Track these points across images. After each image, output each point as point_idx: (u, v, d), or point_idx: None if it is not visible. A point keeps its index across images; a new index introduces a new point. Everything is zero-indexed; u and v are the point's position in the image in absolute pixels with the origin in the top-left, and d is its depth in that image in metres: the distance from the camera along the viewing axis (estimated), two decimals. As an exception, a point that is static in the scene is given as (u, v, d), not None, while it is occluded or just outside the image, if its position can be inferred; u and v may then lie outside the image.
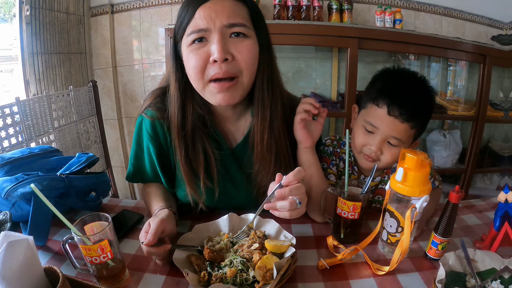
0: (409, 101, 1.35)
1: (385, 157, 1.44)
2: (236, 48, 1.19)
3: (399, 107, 1.35)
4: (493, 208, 1.56)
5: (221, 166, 1.41)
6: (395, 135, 1.39)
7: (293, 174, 1.13)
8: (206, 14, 1.16)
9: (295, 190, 1.13)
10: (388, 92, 1.39)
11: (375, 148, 1.42)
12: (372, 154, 1.45)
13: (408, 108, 1.35)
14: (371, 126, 1.43)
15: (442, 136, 3.83)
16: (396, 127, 1.38)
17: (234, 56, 1.19)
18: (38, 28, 2.99)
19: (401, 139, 1.39)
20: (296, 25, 3.15)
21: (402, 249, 1.12)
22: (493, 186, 4.16)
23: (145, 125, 1.42)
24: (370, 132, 1.45)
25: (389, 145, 1.43)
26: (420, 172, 1.12)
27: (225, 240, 1.22)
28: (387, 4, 3.64)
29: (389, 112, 1.37)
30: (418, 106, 1.37)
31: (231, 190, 1.49)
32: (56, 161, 1.58)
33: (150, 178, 1.52)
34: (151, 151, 1.43)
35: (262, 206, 1.19)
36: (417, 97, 1.39)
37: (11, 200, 1.31)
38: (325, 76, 3.80)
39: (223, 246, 1.19)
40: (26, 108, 2.46)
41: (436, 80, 3.98)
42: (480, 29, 3.88)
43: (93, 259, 1.01)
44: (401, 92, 1.38)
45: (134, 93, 3.93)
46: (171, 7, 3.63)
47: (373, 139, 1.43)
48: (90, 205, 1.53)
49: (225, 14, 1.16)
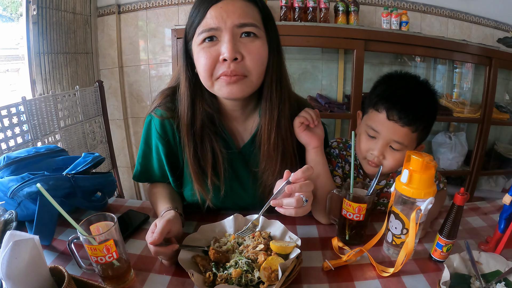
0: (408, 105, 1.36)
1: (388, 162, 1.45)
2: (246, 48, 1.20)
3: (398, 111, 1.36)
4: (498, 210, 1.56)
5: (228, 165, 1.42)
6: (396, 139, 1.39)
7: (301, 171, 1.13)
8: (217, 13, 1.17)
9: (304, 186, 1.13)
10: (387, 97, 1.40)
11: (377, 153, 1.43)
12: (375, 159, 1.46)
13: (408, 112, 1.35)
14: (372, 131, 1.44)
15: (447, 138, 3.82)
16: (397, 131, 1.38)
17: (243, 56, 1.20)
18: (44, 28, 3.00)
19: (403, 143, 1.40)
20: (302, 26, 3.14)
21: (407, 251, 1.12)
22: (498, 188, 4.15)
23: (154, 124, 1.42)
24: (372, 138, 1.46)
25: (391, 149, 1.43)
26: (425, 174, 1.12)
27: (232, 241, 1.23)
28: (393, 6, 3.64)
29: (388, 116, 1.38)
30: (419, 110, 1.37)
31: (237, 189, 1.49)
32: (62, 161, 1.59)
33: (157, 178, 1.53)
34: (160, 150, 1.44)
35: (269, 203, 1.18)
36: (417, 100, 1.38)
37: (17, 199, 1.31)
38: (331, 78, 3.79)
39: (230, 247, 1.20)
40: (32, 108, 2.47)
41: (442, 82, 3.97)
42: (486, 31, 3.87)
43: (99, 259, 1.01)
44: (400, 96, 1.39)
45: (140, 94, 3.93)
46: (178, 8, 3.63)
47: (375, 144, 1.45)
48: (96, 205, 1.54)
49: (236, 14, 1.17)
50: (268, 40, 1.27)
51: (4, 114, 2.25)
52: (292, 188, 1.13)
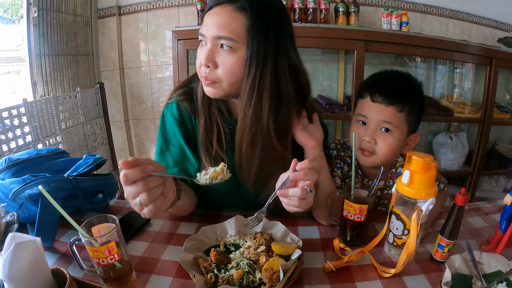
0: (389, 86, 1.48)
1: (380, 147, 1.49)
2: (221, 59, 1.26)
3: (379, 92, 1.47)
4: (499, 211, 1.55)
5: (230, 138, 1.45)
6: (384, 118, 1.46)
7: (307, 160, 1.14)
8: (206, 21, 1.27)
9: (309, 174, 1.13)
10: (369, 84, 1.54)
11: (368, 138, 1.49)
12: (367, 146, 1.51)
13: (389, 92, 1.45)
14: (361, 116, 1.53)
15: (448, 139, 3.83)
16: (383, 111, 1.46)
17: (217, 64, 1.27)
18: (45, 30, 3.01)
19: (392, 122, 1.46)
20: (302, 27, 3.16)
21: (408, 252, 1.12)
22: (499, 189, 4.15)
23: (170, 111, 1.47)
24: (363, 125, 1.53)
25: (382, 133, 1.49)
26: (426, 174, 1.12)
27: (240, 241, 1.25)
28: (393, 6, 3.64)
29: (372, 99, 1.49)
30: (398, 89, 1.46)
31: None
32: (63, 162, 1.59)
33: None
34: (178, 135, 1.46)
35: (275, 193, 1.19)
36: (396, 82, 1.50)
37: (18, 201, 1.31)
38: (331, 79, 3.80)
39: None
40: (33, 110, 2.47)
41: (442, 82, 3.98)
42: (486, 31, 3.87)
43: (100, 261, 1.01)
44: (381, 82, 1.53)
45: (141, 95, 3.94)
46: (178, 10, 3.64)
47: (366, 129, 1.51)
48: (97, 206, 1.54)
49: (216, 25, 1.23)
50: (250, 52, 1.25)
51: (5, 116, 2.26)
52: (297, 175, 1.14)
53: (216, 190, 1.52)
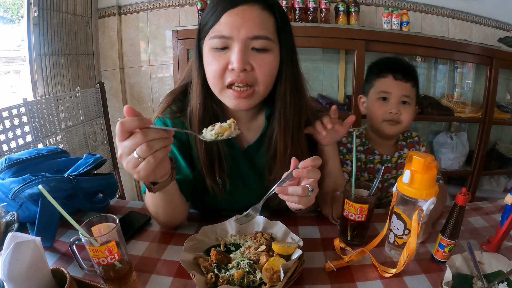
0: (403, 67, 1.80)
1: (404, 116, 1.77)
2: (256, 60, 1.19)
3: (400, 71, 1.76)
4: (500, 210, 1.56)
5: (232, 163, 1.42)
6: (405, 93, 1.76)
7: (310, 159, 1.12)
8: (231, 21, 1.16)
9: (312, 172, 1.12)
10: (387, 65, 1.83)
11: (394, 109, 1.75)
12: (394, 117, 1.76)
13: (406, 72, 1.77)
14: (384, 93, 1.79)
15: (449, 138, 3.82)
16: (404, 87, 1.76)
17: (253, 66, 1.19)
18: (45, 29, 3.01)
19: (410, 95, 1.77)
20: (303, 27, 3.15)
21: (409, 251, 1.12)
22: (500, 188, 4.15)
23: (162, 122, 1.39)
24: (384, 100, 1.79)
25: (403, 105, 1.77)
26: (427, 174, 1.12)
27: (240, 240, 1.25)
28: (394, 6, 3.64)
29: (395, 77, 1.77)
30: (410, 69, 1.80)
31: (241, 188, 1.48)
32: (64, 162, 1.59)
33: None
34: (173, 147, 1.39)
35: (273, 189, 1.16)
36: (407, 64, 1.86)
37: (18, 201, 1.31)
38: (332, 78, 3.79)
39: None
40: (33, 109, 2.47)
41: (443, 82, 3.98)
42: (487, 31, 3.87)
43: (100, 261, 1.01)
44: (396, 63, 1.84)
45: (141, 95, 3.94)
46: (179, 9, 3.64)
47: (390, 104, 1.78)
48: (97, 206, 1.54)
49: (250, 24, 1.15)
50: (281, 51, 1.25)
51: (6, 115, 2.25)
52: (299, 173, 1.12)
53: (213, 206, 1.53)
